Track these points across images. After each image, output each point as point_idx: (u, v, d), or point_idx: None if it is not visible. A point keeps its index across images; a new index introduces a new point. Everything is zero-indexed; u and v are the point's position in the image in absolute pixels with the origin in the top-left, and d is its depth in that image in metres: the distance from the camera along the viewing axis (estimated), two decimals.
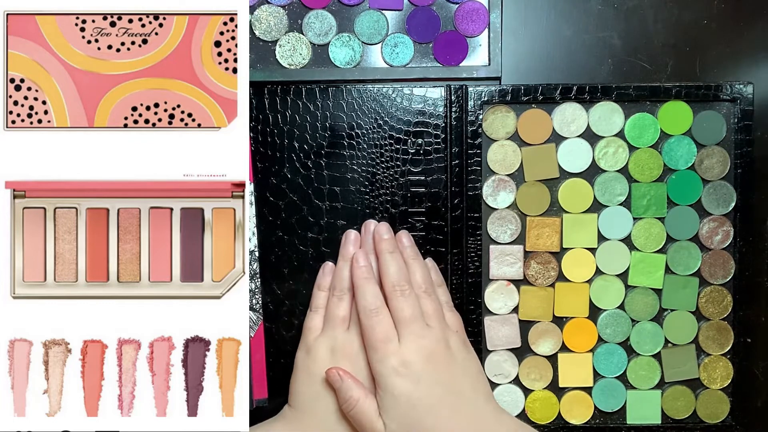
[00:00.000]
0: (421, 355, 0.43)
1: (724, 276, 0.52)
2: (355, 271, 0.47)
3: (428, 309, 0.46)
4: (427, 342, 0.44)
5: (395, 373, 0.43)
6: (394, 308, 0.45)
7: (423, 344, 0.44)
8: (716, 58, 0.52)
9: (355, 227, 0.50)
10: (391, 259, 0.47)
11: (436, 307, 0.46)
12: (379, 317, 0.44)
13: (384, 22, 0.51)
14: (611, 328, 0.52)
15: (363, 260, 0.47)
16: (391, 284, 0.46)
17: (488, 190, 0.51)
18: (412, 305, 0.45)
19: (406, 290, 0.45)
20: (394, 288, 0.45)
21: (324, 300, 0.49)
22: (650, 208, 0.51)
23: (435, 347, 0.44)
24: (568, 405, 0.52)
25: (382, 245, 0.47)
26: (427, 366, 0.43)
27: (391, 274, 0.46)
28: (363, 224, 0.49)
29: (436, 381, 0.43)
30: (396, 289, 0.45)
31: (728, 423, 0.52)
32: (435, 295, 0.47)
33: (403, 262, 0.47)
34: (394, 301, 0.45)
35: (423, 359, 0.43)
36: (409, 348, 0.43)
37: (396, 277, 0.46)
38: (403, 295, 0.45)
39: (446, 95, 0.50)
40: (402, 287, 0.45)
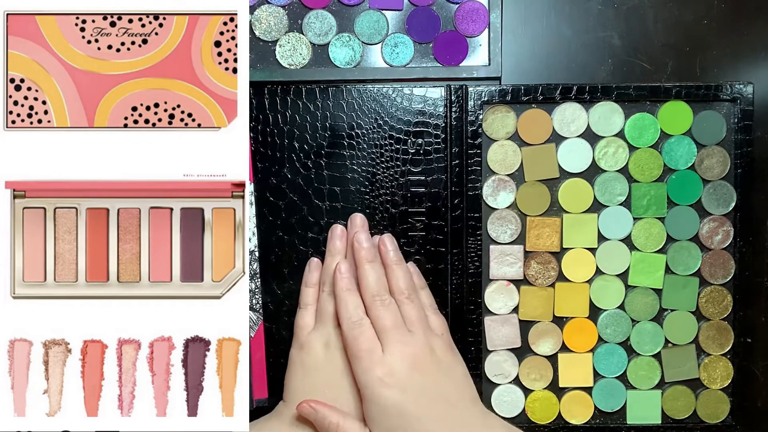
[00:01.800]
0: (405, 363, 0.43)
1: (724, 276, 0.52)
2: (337, 282, 0.46)
3: (411, 315, 0.46)
4: (410, 349, 0.44)
5: (381, 383, 0.42)
6: (375, 318, 0.45)
7: (407, 351, 0.44)
8: (716, 58, 0.52)
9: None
10: (370, 269, 0.46)
11: (419, 312, 0.46)
12: (361, 328, 0.44)
13: (384, 22, 0.51)
14: (611, 328, 0.52)
15: (345, 270, 0.47)
16: (371, 295, 0.46)
17: (488, 190, 0.51)
18: (393, 313, 0.45)
19: (386, 299, 0.45)
20: (374, 298, 0.45)
21: (313, 297, 0.49)
22: (650, 208, 0.51)
23: (419, 353, 0.44)
24: (568, 405, 0.52)
25: (361, 254, 0.47)
26: (412, 374, 0.43)
27: (370, 284, 0.46)
28: (349, 218, 0.49)
29: (422, 388, 0.43)
30: (376, 299, 0.45)
31: (728, 423, 0.52)
32: (418, 300, 0.47)
33: (382, 271, 0.47)
34: (375, 311, 0.45)
35: (408, 367, 0.43)
36: (394, 356, 0.43)
37: (375, 288, 0.46)
38: (383, 304, 0.45)
39: (446, 95, 0.50)
40: (382, 297, 0.45)
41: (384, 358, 0.43)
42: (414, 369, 0.43)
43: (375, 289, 0.46)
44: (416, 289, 0.48)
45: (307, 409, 0.44)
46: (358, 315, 0.45)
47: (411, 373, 0.43)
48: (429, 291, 0.50)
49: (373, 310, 0.45)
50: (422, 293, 0.49)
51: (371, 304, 0.45)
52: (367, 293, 0.46)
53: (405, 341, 0.44)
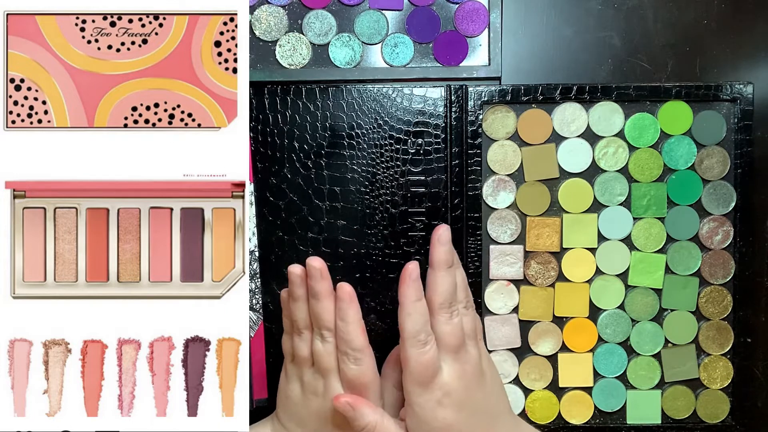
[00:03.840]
0: (462, 383, 0.41)
1: (724, 276, 0.52)
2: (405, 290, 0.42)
3: (468, 327, 0.43)
4: (468, 368, 0.42)
5: (438, 404, 0.41)
6: (441, 334, 0.42)
7: (465, 370, 0.42)
8: (716, 58, 0.52)
9: (356, 227, 0.50)
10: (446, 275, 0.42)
11: (475, 322, 0.44)
12: (425, 348, 0.41)
13: (384, 22, 0.51)
14: (611, 328, 0.52)
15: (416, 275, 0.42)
16: (439, 304, 0.42)
17: (488, 190, 0.51)
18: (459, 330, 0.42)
19: (454, 311, 0.42)
20: (442, 308, 0.42)
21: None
22: (650, 208, 0.51)
23: (474, 371, 0.42)
24: (568, 405, 0.52)
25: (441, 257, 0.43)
26: (467, 392, 0.42)
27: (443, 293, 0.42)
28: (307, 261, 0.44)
29: (474, 406, 0.42)
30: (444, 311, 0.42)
31: (728, 423, 0.52)
32: (473, 308, 0.45)
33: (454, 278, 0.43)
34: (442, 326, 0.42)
35: (464, 387, 0.42)
36: (452, 377, 0.41)
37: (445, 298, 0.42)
38: (451, 318, 0.42)
39: (446, 95, 0.50)
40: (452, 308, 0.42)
41: (443, 380, 0.41)
42: (468, 388, 0.42)
43: (445, 300, 0.42)
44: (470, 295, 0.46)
45: (344, 405, 0.42)
46: (427, 332, 0.41)
47: (466, 392, 0.42)
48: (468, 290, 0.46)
49: (440, 325, 0.42)
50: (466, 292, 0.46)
51: (438, 314, 0.42)
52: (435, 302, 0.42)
53: (464, 360, 0.42)
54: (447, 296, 0.42)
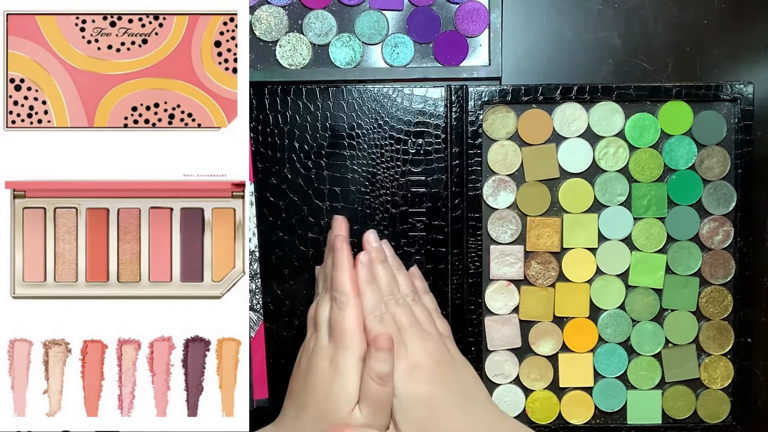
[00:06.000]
0: (429, 358, 0.43)
1: (724, 276, 0.52)
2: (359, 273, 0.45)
3: (420, 316, 0.45)
4: (431, 344, 0.44)
5: (407, 377, 0.42)
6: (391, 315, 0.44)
7: (428, 347, 0.43)
8: (716, 58, 0.52)
9: (356, 227, 0.50)
10: (382, 269, 0.46)
11: (426, 314, 0.46)
12: (384, 324, 0.44)
13: (384, 23, 0.51)
14: (612, 328, 0.52)
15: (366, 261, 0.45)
16: (384, 294, 0.45)
17: (488, 190, 0.51)
18: (408, 311, 0.45)
19: (399, 299, 0.45)
20: (387, 297, 0.45)
21: None
22: (650, 208, 0.51)
23: (439, 349, 0.44)
24: (569, 405, 0.52)
25: (372, 254, 0.46)
26: (437, 367, 0.43)
27: (383, 284, 0.45)
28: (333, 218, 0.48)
29: (447, 381, 0.43)
30: (389, 298, 0.45)
31: (729, 423, 0.52)
32: (422, 303, 0.47)
33: (392, 272, 0.46)
34: (390, 309, 0.44)
35: (432, 361, 0.43)
36: (416, 351, 0.43)
37: (388, 287, 0.45)
38: (398, 303, 0.45)
39: (446, 95, 0.50)
40: (395, 296, 0.45)
41: (407, 353, 0.43)
42: (437, 363, 0.43)
43: (388, 289, 0.45)
44: (419, 293, 0.48)
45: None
46: (381, 309, 0.44)
47: (435, 367, 0.43)
48: (432, 296, 0.49)
49: (388, 309, 0.45)
50: (425, 297, 0.49)
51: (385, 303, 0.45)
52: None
53: (424, 337, 0.44)
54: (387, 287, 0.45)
